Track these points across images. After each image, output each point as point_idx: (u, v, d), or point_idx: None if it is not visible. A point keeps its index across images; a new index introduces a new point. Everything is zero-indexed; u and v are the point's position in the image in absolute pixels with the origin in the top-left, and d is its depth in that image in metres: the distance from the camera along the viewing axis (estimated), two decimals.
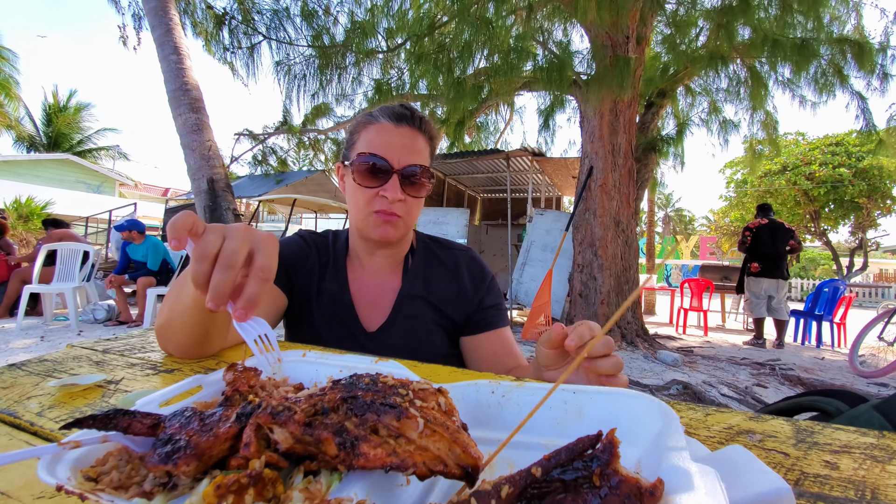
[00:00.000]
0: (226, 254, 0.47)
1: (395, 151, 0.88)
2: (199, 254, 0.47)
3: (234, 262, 0.47)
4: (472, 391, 0.44)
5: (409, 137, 0.90)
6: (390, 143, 0.88)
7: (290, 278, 0.97)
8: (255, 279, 0.48)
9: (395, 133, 0.90)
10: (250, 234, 0.50)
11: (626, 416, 0.38)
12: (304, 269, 0.99)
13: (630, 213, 5.58)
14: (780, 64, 5.86)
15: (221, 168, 3.41)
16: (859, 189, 16.75)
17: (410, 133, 0.91)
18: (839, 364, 4.79)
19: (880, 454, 0.42)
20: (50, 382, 0.61)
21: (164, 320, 0.71)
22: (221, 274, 0.46)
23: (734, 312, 9.16)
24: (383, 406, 0.33)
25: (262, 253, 0.50)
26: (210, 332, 0.69)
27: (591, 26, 5.22)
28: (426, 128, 0.94)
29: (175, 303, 0.68)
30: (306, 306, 0.98)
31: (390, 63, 6.31)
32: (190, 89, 3.44)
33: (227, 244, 0.48)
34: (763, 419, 0.50)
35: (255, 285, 0.48)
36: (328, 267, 1.01)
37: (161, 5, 3.67)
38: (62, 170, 18.53)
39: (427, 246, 1.06)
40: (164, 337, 0.72)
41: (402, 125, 0.91)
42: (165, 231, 7.02)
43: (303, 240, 1.03)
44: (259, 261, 0.49)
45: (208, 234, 0.49)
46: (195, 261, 0.47)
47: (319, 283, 0.99)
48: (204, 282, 0.47)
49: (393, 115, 0.91)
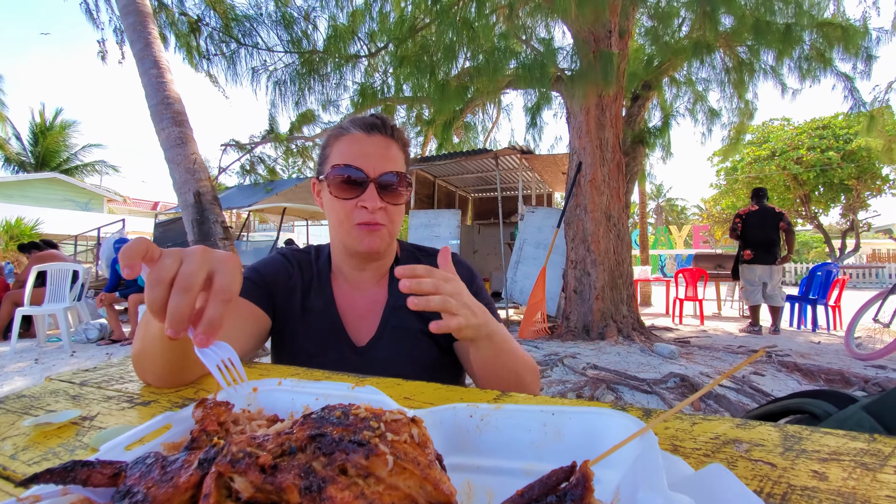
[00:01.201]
0: (182, 277, 0.45)
1: (369, 160, 0.87)
2: (153, 279, 0.45)
3: (191, 284, 0.45)
4: (450, 415, 0.42)
5: (382, 146, 0.90)
6: (364, 153, 0.88)
7: (272, 299, 0.95)
8: (216, 301, 0.46)
9: (368, 142, 0.89)
10: (208, 256, 0.48)
11: (606, 437, 0.37)
12: (286, 288, 0.97)
13: (621, 207, 5.59)
14: (763, 50, 5.90)
15: (208, 181, 3.38)
16: (848, 171, 16.92)
17: (383, 141, 0.90)
18: (835, 348, 4.82)
19: (871, 461, 0.41)
20: (25, 422, 0.59)
21: (138, 350, 0.68)
22: (177, 298, 0.44)
23: (729, 300, 9.22)
24: (351, 444, 0.32)
25: (222, 274, 0.48)
26: (184, 359, 0.66)
27: (573, 22, 5.23)
28: (398, 135, 0.94)
29: (145, 332, 0.66)
30: (291, 326, 0.96)
31: (374, 67, 6.29)
32: (172, 103, 3.40)
33: (184, 267, 0.46)
34: (750, 426, 0.49)
35: (215, 307, 0.46)
36: (312, 284, 0.99)
37: (140, 20, 3.63)
38: (50, 189, 18.37)
39: (411, 254, 1.05)
40: (139, 367, 0.70)
41: (374, 134, 0.90)
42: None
43: (284, 258, 1.02)
44: (219, 282, 0.47)
45: (164, 259, 0.47)
46: (149, 287, 0.45)
47: (304, 301, 0.96)
48: (160, 308, 0.45)
49: (364, 125, 0.91)
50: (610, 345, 4.80)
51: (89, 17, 6.09)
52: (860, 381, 3.28)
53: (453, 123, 6.69)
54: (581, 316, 5.35)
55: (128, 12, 3.61)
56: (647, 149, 6.42)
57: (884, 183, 17.56)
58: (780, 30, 5.18)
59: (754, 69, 6.25)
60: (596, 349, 4.62)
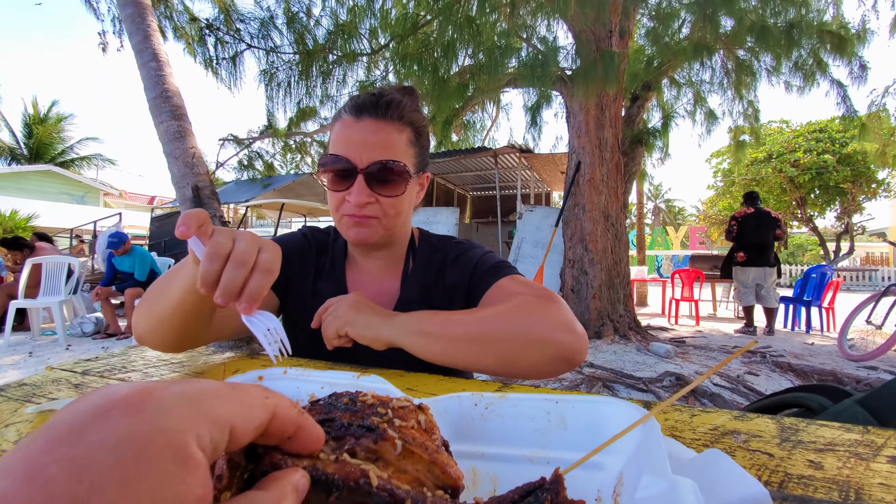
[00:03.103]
0: (238, 252, 0.49)
1: (356, 149, 0.79)
2: (211, 253, 0.49)
3: (247, 260, 0.49)
4: (455, 404, 0.43)
5: (372, 130, 0.80)
6: (351, 140, 0.80)
7: (284, 277, 0.91)
8: (259, 272, 0.50)
9: (357, 128, 0.80)
10: (257, 238, 0.52)
11: (609, 424, 0.37)
12: (301, 270, 0.94)
13: (619, 207, 5.61)
14: (762, 53, 5.92)
15: (206, 175, 3.37)
16: (843, 175, 17.01)
17: (373, 125, 0.80)
18: (829, 349, 4.86)
19: (864, 451, 0.42)
20: (28, 409, 0.59)
21: (153, 316, 0.71)
22: (233, 271, 0.48)
23: (725, 301, 9.27)
24: (360, 428, 0.32)
25: (267, 251, 0.51)
26: (198, 327, 0.71)
27: (574, 21, 5.23)
28: (397, 113, 0.82)
29: (164, 298, 0.68)
30: (300, 308, 0.92)
31: (374, 64, 6.28)
32: (171, 96, 3.39)
33: (239, 244, 0.50)
34: (748, 418, 0.50)
35: (259, 278, 0.49)
36: (325, 267, 0.95)
37: (138, 12, 3.61)
38: (45, 181, 18.24)
39: (431, 246, 0.97)
40: (150, 331, 0.72)
41: (364, 118, 0.80)
42: (152, 240, 6.88)
43: (304, 237, 0.98)
44: (263, 258, 0.50)
45: (219, 236, 0.50)
46: (207, 259, 0.49)
47: (315, 284, 0.93)
48: (214, 280, 0.48)
49: (354, 107, 0.81)
50: (606, 344, 4.82)
51: (89, 7, 6.05)
52: (852, 381, 3.31)
53: (453, 121, 6.68)
54: (578, 315, 5.33)
55: (126, 3, 3.59)
56: (645, 149, 6.44)
57: (878, 186, 17.67)
58: (780, 33, 5.20)
59: (754, 72, 6.28)
60: (592, 348, 4.64)
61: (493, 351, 0.65)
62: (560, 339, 0.65)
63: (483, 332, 0.66)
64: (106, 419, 0.16)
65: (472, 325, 0.67)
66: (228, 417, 0.19)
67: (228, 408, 0.19)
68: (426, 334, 0.67)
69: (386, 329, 0.69)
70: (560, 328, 0.66)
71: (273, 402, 0.22)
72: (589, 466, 0.38)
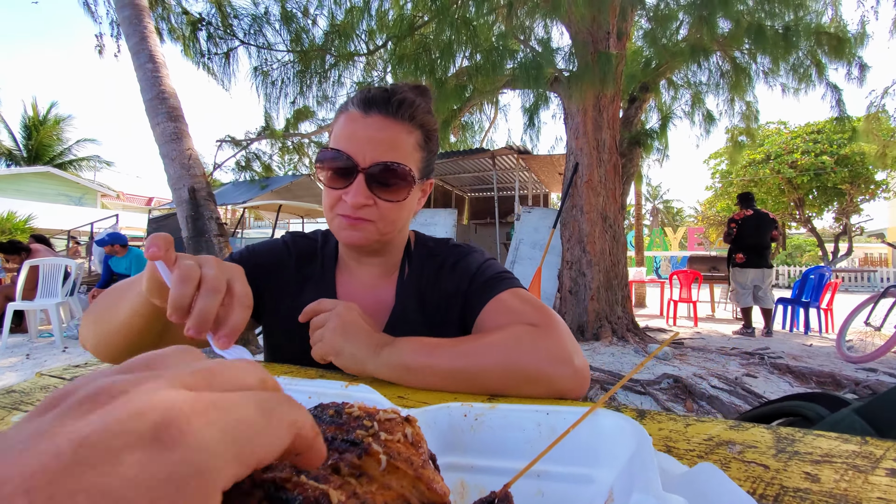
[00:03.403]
0: (211, 279, 0.47)
1: (360, 146, 0.73)
2: (182, 276, 0.46)
3: (219, 287, 0.47)
4: (444, 415, 0.42)
5: (379, 128, 0.74)
6: (356, 136, 0.74)
7: (257, 289, 0.86)
8: (240, 306, 0.48)
9: (363, 124, 0.74)
10: (222, 264, 0.50)
11: (601, 436, 0.37)
12: (278, 280, 0.86)
13: (617, 208, 5.61)
14: (760, 55, 5.93)
15: (203, 177, 3.36)
16: (841, 176, 17.05)
17: (381, 123, 0.75)
18: (827, 350, 4.86)
19: (862, 463, 0.41)
20: (14, 418, 0.58)
21: (90, 329, 0.69)
22: (207, 299, 0.46)
23: (723, 302, 9.27)
24: (344, 443, 0.31)
25: (239, 282, 0.49)
26: (140, 343, 0.67)
27: (572, 23, 5.24)
28: (408, 113, 0.76)
29: (117, 311, 0.65)
30: (284, 320, 0.85)
31: (372, 65, 6.28)
32: (167, 98, 3.38)
33: (208, 271, 0.48)
34: (743, 427, 0.49)
35: (238, 313, 0.48)
36: (313, 276, 0.88)
37: (135, 13, 3.60)
38: (43, 183, 18.20)
39: (427, 251, 0.91)
40: (99, 341, 0.69)
41: (372, 113, 0.75)
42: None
43: (284, 245, 0.91)
44: (238, 289, 0.49)
45: (186, 261, 0.48)
46: (179, 282, 0.46)
47: (298, 296, 0.85)
48: (185, 305, 0.46)
49: (363, 101, 0.76)
50: (604, 345, 4.82)
51: (87, 10, 6.05)
52: (851, 383, 3.30)
53: (451, 123, 6.68)
54: (576, 316, 5.37)
55: (123, 5, 3.59)
56: (643, 151, 6.44)
57: (877, 188, 17.72)
58: (777, 35, 5.21)
59: (750, 73, 6.29)
60: (590, 349, 4.63)
61: (479, 385, 0.62)
62: (554, 375, 0.62)
63: (470, 367, 0.63)
64: (145, 450, 0.14)
65: (459, 358, 0.63)
66: (258, 457, 0.18)
67: (259, 443, 0.18)
68: (410, 370, 0.64)
69: (371, 365, 0.65)
70: (556, 361, 0.62)
71: (297, 426, 0.21)
72: (580, 480, 0.37)
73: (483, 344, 0.65)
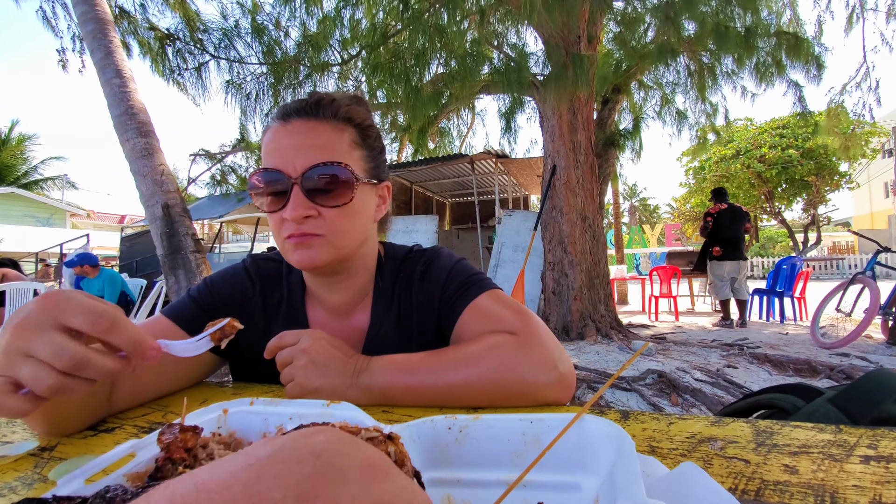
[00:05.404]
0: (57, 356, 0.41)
1: (287, 156, 0.68)
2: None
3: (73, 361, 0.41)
4: (428, 428, 0.42)
5: (303, 131, 0.69)
6: (280, 148, 0.69)
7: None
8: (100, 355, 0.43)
9: (285, 132, 0.69)
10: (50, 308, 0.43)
11: (586, 443, 0.37)
12: (243, 317, 0.77)
13: (595, 208, 5.70)
14: (723, 56, 6.12)
15: (176, 192, 3.28)
16: (808, 168, 17.70)
17: (304, 126, 0.69)
18: (802, 338, 5.01)
19: (838, 451, 0.42)
20: None
21: (51, 425, 0.59)
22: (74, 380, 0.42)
23: (702, 295, 9.48)
24: None
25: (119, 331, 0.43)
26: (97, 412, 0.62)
27: (543, 28, 5.32)
28: (329, 111, 0.71)
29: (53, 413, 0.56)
30: (254, 364, 0.79)
31: (347, 74, 6.26)
32: (136, 113, 3.30)
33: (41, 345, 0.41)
34: (724, 423, 0.50)
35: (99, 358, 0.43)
36: (280, 309, 0.81)
37: (100, 28, 3.51)
38: (7, 204, 17.57)
39: (397, 262, 0.85)
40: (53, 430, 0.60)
41: (292, 120, 0.70)
42: (122, 261, 6.65)
43: (246, 273, 0.83)
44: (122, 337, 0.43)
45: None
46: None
47: (266, 333, 0.75)
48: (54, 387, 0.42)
49: (281, 112, 0.72)
50: (589, 344, 4.86)
51: (47, 24, 5.87)
52: (826, 368, 3.41)
53: (428, 129, 6.71)
54: (560, 317, 5.42)
55: (86, 20, 3.49)
56: (618, 150, 6.56)
57: (841, 178, 18.44)
58: (739, 36, 5.39)
59: (716, 73, 6.49)
60: (576, 349, 4.67)
61: (464, 402, 0.61)
62: (539, 385, 0.60)
63: (453, 384, 0.60)
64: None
65: (440, 375, 0.61)
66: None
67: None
68: (388, 395, 0.62)
69: (351, 393, 0.62)
70: (540, 370, 0.60)
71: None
72: (567, 488, 0.37)
73: (464, 358, 0.63)
